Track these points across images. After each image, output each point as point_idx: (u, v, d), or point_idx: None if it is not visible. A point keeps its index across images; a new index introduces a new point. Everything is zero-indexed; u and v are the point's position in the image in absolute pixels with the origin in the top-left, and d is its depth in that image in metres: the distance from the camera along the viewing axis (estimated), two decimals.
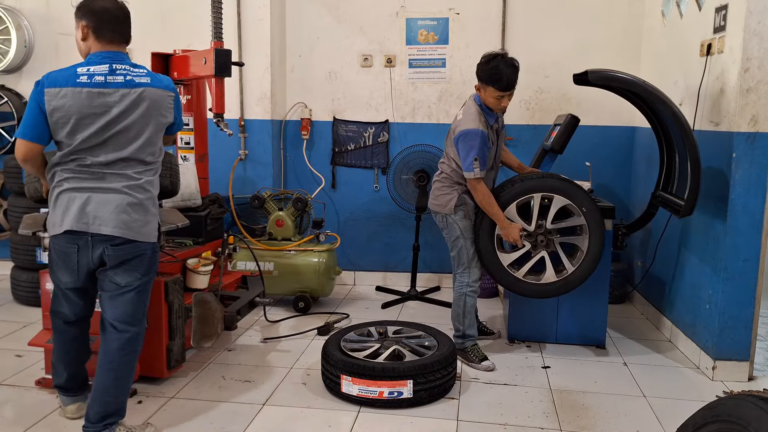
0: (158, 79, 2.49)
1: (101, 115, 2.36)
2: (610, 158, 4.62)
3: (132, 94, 2.39)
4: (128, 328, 2.49)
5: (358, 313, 4.26)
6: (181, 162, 3.80)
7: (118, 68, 2.41)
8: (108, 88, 2.37)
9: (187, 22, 4.71)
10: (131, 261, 2.45)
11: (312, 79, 4.87)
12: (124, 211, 2.39)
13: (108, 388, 2.47)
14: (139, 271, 2.48)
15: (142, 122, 2.42)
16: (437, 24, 4.70)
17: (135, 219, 2.42)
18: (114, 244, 2.39)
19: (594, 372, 3.34)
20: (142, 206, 2.45)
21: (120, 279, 2.45)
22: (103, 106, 2.36)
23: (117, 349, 2.48)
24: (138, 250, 2.45)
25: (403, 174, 4.50)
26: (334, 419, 2.80)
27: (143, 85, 2.42)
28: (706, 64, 3.38)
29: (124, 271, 2.45)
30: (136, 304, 2.50)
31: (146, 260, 2.49)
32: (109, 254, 2.40)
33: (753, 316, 3.22)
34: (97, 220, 2.37)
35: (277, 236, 4.40)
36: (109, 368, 2.47)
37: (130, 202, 2.41)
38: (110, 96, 2.37)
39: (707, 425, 1.66)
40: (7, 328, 3.86)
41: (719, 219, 3.23)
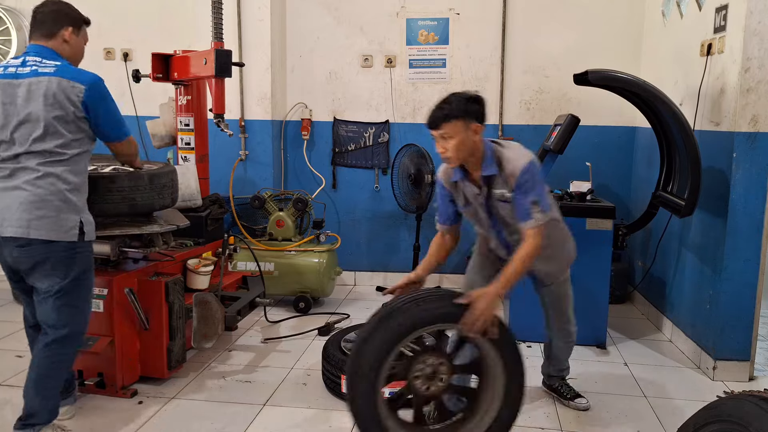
0: (69, 71, 2.37)
1: (8, 105, 2.33)
2: (610, 158, 4.62)
3: (34, 84, 2.31)
4: (53, 331, 2.40)
5: (359, 313, 4.25)
6: (181, 162, 3.81)
7: (30, 60, 2.36)
8: (17, 78, 2.33)
9: (187, 22, 4.70)
10: (44, 263, 2.32)
11: (312, 79, 4.87)
12: (26, 210, 2.26)
13: (29, 387, 2.43)
14: (57, 274, 2.34)
15: (42, 112, 2.30)
16: (437, 24, 4.70)
17: (40, 216, 2.27)
18: (19, 245, 2.29)
19: (594, 372, 3.34)
20: (49, 202, 2.29)
21: (39, 284, 2.36)
22: (10, 97, 2.33)
23: (40, 349, 2.42)
24: (49, 251, 2.31)
25: (404, 174, 4.49)
26: (335, 419, 2.80)
27: (46, 74, 2.32)
28: (706, 64, 3.38)
29: (41, 274, 2.33)
30: (61, 309, 2.38)
31: (62, 262, 2.33)
32: (15, 256, 2.32)
33: (753, 316, 3.22)
34: (5, 221, 2.29)
35: (278, 236, 4.40)
36: (32, 366, 2.43)
37: (33, 199, 2.27)
38: (17, 87, 2.32)
39: (708, 425, 1.66)
40: (7, 329, 3.86)
41: (719, 219, 3.23)
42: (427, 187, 4.37)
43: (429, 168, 4.35)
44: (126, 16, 4.79)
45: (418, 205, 4.49)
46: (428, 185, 4.37)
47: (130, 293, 2.89)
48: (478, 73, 4.69)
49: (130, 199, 2.78)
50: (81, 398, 2.94)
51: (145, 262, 3.11)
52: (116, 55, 4.88)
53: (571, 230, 3.56)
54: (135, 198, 2.80)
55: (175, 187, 3.11)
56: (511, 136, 4.70)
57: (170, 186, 3.04)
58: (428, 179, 4.38)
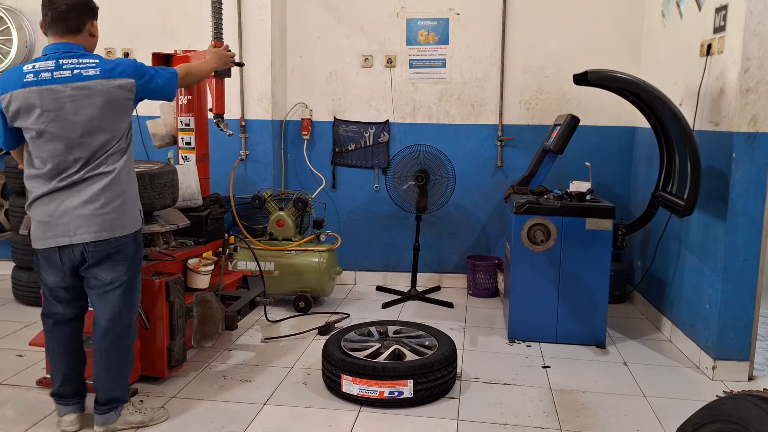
0: (112, 68, 2.37)
1: (58, 112, 2.31)
2: (610, 158, 4.63)
3: (83, 89, 2.30)
4: (114, 324, 2.55)
5: (359, 312, 4.26)
6: (182, 162, 3.81)
7: (66, 63, 2.32)
8: (57, 83, 2.29)
9: (187, 22, 4.71)
10: (114, 255, 2.47)
11: (312, 79, 4.88)
12: (98, 214, 2.43)
13: (103, 378, 2.58)
14: (125, 264, 2.51)
15: (101, 117, 2.34)
16: (437, 24, 4.70)
17: (113, 218, 2.46)
18: (93, 243, 2.42)
19: (594, 372, 3.35)
20: (117, 201, 2.47)
21: (105, 275, 2.48)
22: (56, 104, 2.30)
23: (106, 346, 2.56)
24: (120, 244, 2.48)
25: (403, 174, 4.50)
26: (335, 419, 2.81)
27: (93, 77, 2.32)
28: (706, 64, 3.39)
29: (109, 266, 2.48)
30: (123, 300, 2.54)
31: (129, 252, 2.52)
32: (89, 252, 2.42)
33: (753, 315, 3.22)
34: (79, 228, 2.42)
35: (278, 236, 4.41)
36: (100, 362, 2.58)
37: (104, 201, 2.43)
38: (62, 93, 2.30)
39: (707, 425, 1.66)
40: (8, 328, 3.86)
41: (719, 219, 3.24)
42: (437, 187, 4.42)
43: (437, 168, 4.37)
44: (127, 16, 4.80)
45: (419, 205, 4.50)
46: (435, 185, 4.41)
47: None
48: (478, 73, 4.70)
49: None
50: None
51: (145, 262, 3.11)
52: (117, 54, 4.89)
53: (571, 230, 3.61)
54: None
55: (175, 186, 3.12)
56: (511, 136, 4.71)
57: (170, 186, 3.04)
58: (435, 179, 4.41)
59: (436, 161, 4.43)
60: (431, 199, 4.50)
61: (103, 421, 2.60)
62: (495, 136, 4.73)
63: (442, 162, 4.42)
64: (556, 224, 3.62)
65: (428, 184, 4.48)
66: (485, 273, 4.67)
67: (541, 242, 3.64)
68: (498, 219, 4.82)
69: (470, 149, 4.78)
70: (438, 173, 4.45)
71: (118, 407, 2.62)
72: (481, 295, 4.71)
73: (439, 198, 4.48)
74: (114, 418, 2.61)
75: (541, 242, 3.64)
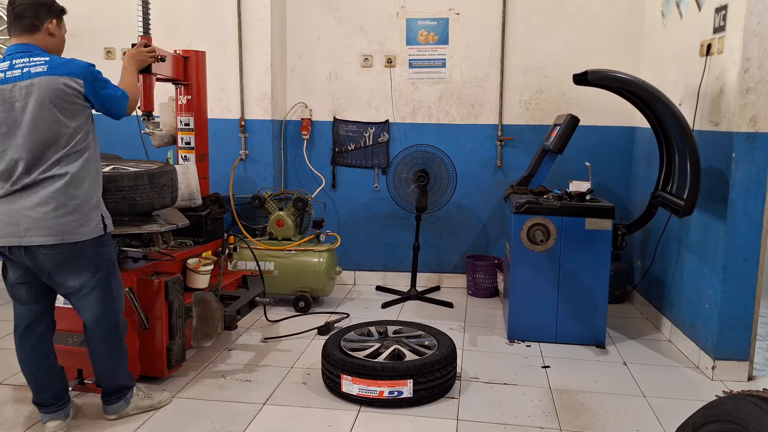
0: (60, 66, 2.31)
1: (7, 113, 2.28)
2: (610, 158, 4.63)
3: (29, 86, 2.26)
4: (98, 326, 2.59)
5: (359, 312, 4.26)
6: (181, 162, 3.81)
7: (17, 62, 2.30)
8: (8, 83, 2.27)
9: (187, 22, 4.71)
10: (72, 262, 2.44)
11: (312, 79, 4.88)
12: (50, 216, 2.38)
13: (104, 375, 2.68)
14: (89, 270, 2.49)
15: (46, 115, 2.28)
16: (437, 24, 4.70)
17: (66, 221, 2.42)
18: (46, 248, 2.37)
19: (594, 372, 3.35)
20: (70, 204, 2.39)
21: (70, 282, 2.48)
22: (6, 103, 2.28)
23: (97, 346, 2.63)
24: (77, 250, 2.44)
25: (403, 174, 4.50)
26: (335, 419, 2.80)
27: (40, 74, 2.28)
28: (705, 64, 3.39)
29: (69, 273, 2.47)
30: (100, 303, 2.55)
31: (92, 258, 2.49)
32: (41, 258, 2.38)
33: (753, 315, 3.22)
34: (29, 231, 2.38)
35: (278, 236, 4.41)
36: (95, 360, 2.66)
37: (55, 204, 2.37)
38: (11, 92, 2.27)
39: (707, 425, 1.66)
40: (8, 328, 3.85)
41: (719, 219, 3.24)
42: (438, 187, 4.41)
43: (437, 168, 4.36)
44: (126, 16, 4.79)
45: (419, 205, 4.50)
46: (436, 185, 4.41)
47: (129, 292, 2.89)
48: (478, 73, 4.70)
49: (130, 198, 2.79)
50: (81, 396, 2.95)
51: (144, 262, 3.12)
52: (116, 54, 4.89)
53: (571, 230, 3.61)
54: (135, 197, 2.80)
55: (174, 186, 3.12)
56: (511, 136, 4.71)
57: (170, 185, 3.04)
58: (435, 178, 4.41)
59: (437, 161, 4.43)
60: (431, 199, 4.50)
61: (114, 410, 2.70)
62: (495, 136, 4.73)
63: (443, 162, 4.42)
64: (555, 224, 3.62)
65: (429, 183, 4.48)
66: (485, 273, 4.67)
67: (541, 242, 3.64)
68: (498, 219, 4.82)
69: (470, 149, 4.78)
70: (439, 173, 4.45)
71: (126, 394, 2.71)
72: (480, 295, 4.71)
73: (439, 198, 4.48)
74: (124, 406, 2.71)
75: (541, 242, 3.64)
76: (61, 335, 2.97)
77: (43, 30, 2.39)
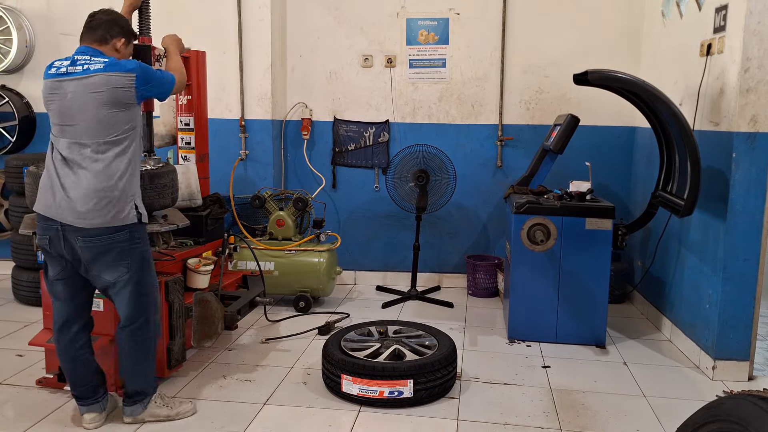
0: (117, 64, 2.49)
1: (62, 102, 2.45)
2: (610, 158, 4.63)
3: (86, 80, 2.43)
4: (132, 321, 2.61)
5: (359, 312, 4.26)
6: (181, 162, 3.81)
7: (80, 59, 2.49)
8: (68, 76, 2.45)
9: (187, 22, 4.70)
10: (107, 254, 2.50)
11: (312, 79, 4.88)
12: (87, 200, 2.48)
13: (128, 373, 2.67)
14: (123, 265, 2.55)
15: (96, 107, 2.43)
16: (437, 24, 4.70)
17: (101, 206, 2.50)
18: (83, 235, 2.48)
19: (594, 372, 3.35)
20: (108, 192, 2.49)
21: (106, 276, 2.55)
22: (63, 94, 2.45)
23: (126, 341, 2.64)
24: (112, 240, 2.51)
25: (403, 174, 4.50)
26: (335, 419, 2.81)
27: (97, 71, 2.45)
28: (706, 64, 3.39)
29: (104, 265, 2.54)
30: (134, 299, 2.60)
31: (126, 251, 2.54)
32: (80, 246, 2.47)
33: (753, 315, 3.22)
34: (71, 212, 2.49)
35: (278, 236, 4.41)
36: (122, 356, 2.67)
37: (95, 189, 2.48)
38: (70, 84, 2.44)
39: (707, 425, 1.66)
40: (8, 328, 3.86)
41: (719, 219, 3.24)
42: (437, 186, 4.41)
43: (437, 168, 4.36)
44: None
45: (419, 205, 4.50)
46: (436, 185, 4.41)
47: None
48: (478, 73, 4.70)
49: None
50: None
51: None
52: None
53: (571, 230, 3.61)
54: None
55: (175, 186, 3.12)
56: (511, 136, 4.71)
57: (170, 185, 3.04)
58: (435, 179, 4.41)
59: (437, 161, 4.43)
60: (431, 199, 4.50)
61: (130, 412, 2.69)
62: (495, 136, 4.73)
63: (442, 162, 4.42)
64: (556, 224, 3.62)
65: (428, 183, 4.48)
66: (485, 273, 4.67)
67: (541, 242, 3.64)
68: (498, 219, 4.82)
69: (470, 149, 4.78)
70: (438, 173, 4.45)
71: (144, 399, 2.69)
72: (481, 295, 4.71)
73: (439, 198, 4.48)
74: (140, 410, 2.69)
75: (541, 242, 3.64)
76: None
77: (111, 44, 2.58)
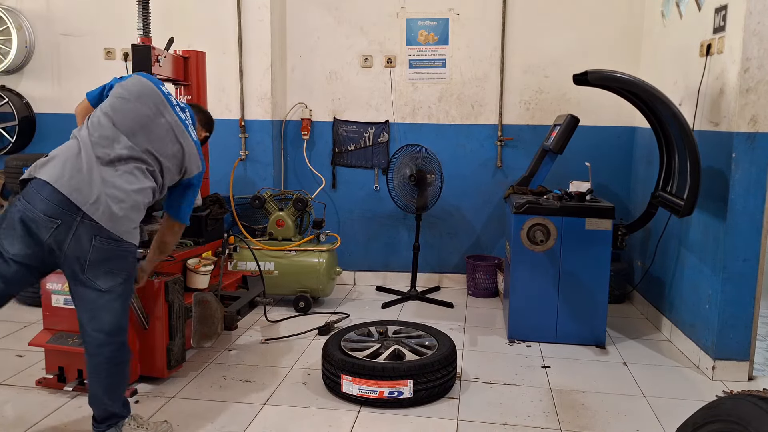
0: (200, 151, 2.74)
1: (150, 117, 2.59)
2: (609, 158, 4.63)
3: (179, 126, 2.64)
4: (111, 339, 2.46)
5: (359, 313, 4.26)
6: None
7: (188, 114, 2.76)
8: (172, 108, 2.65)
9: (187, 22, 4.71)
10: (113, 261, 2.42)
11: (312, 79, 4.88)
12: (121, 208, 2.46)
13: (100, 395, 2.45)
14: (121, 275, 2.46)
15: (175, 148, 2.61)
16: (437, 24, 4.70)
17: (131, 218, 2.51)
18: (102, 236, 2.38)
19: (594, 372, 3.35)
20: (137, 209, 2.50)
21: (100, 282, 2.41)
22: (156, 113, 2.59)
23: (103, 361, 2.45)
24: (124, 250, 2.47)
25: (400, 173, 4.48)
26: (335, 419, 2.81)
27: (188, 132, 2.67)
28: (705, 64, 3.39)
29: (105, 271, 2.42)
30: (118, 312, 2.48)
31: (129, 263, 2.49)
32: (95, 245, 2.36)
33: (753, 315, 3.22)
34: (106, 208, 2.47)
35: (278, 236, 4.41)
36: (96, 377, 2.47)
37: (131, 204, 2.48)
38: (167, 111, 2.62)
39: (707, 425, 1.66)
40: (7, 328, 3.86)
41: (719, 219, 3.24)
42: (429, 186, 4.38)
43: (430, 168, 4.35)
44: (126, 17, 4.79)
45: (418, 205, 4.50)
46: (430, 185, 4.38)
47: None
48: (478, 73, 4.70)
49: None
50: (80, 397, 2.94)
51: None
52: (116, 55, 4.89)
53: (571, 230, 3.61)
54: None
55: None
56: (511, 136, 4.71)
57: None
58: (430, 179, 4.39)
59: (433, 161, 4.39)
60: (428, 199, 4.49)
61: None
62: (495, 136, 4.73)
63: (431, 161, 4.37)
64: (555, 224, 3.62)
65: (424, 183, 4.45)
66: (485, 273, 4.67)
67: (541, 242, 3.64)
68: (498, 219, 4.82)
69: (470, 149, 4.78)
70: (432, 173, 4.41)
71: (118, 423, 2.51)
72: (480, 295, 4.71)
73: (431, 198, 4.45)
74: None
75: (541, 242, 3.64)
76: (62, 336, 2.98)
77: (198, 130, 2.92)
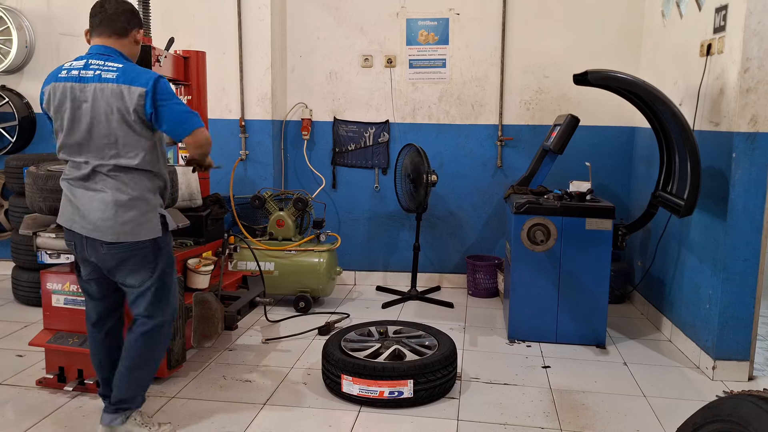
0: (130, 75, 2.33)
1: (76, 111, 2.35)
2: (610, 158, 4.63)
3: (99, 90, 2.32)
4: (146, 321, 2.52)
5: (359, 312, 4.26)
6: (181, 162, 3.80)
7: (93, 63, 2.35)
8: (81, 82, 2.33)
9: (187, 22, 4.71)
10: (130, 261, 2.45)
11: (312, 79, 4.88)
12: (111, 215, 2.40)
13: (123, 375, 2.52)
14: (147, 270, 2.49)
15: (109, 120, 2.33)
16: (437, 24, 4.70)
17: (125, 221, 2.44)
18: (106, 244, 2.40)
19: (594, 372, 3.35)
20: (132, 205, 2.42)
21: (129, 280, 2.49)
22: (76, 102, 2.34)
23: (134, 339, 2.52)
24: (136, 249, 2.45)
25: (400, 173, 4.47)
26: (335, 419, 2.81)
27: (109, 81, 2.32)
28: (705, 64, 3.39)
29: (128, 271, 2.48)
30: (153, 302, 2.52)
31: (150, 258, 2.48)
32: (103, 254, 2.42)
33: (753, 315, 3.22)
34: (94, 226, 2.42)
35: (278, 236, 4.41)
36: (124, 356, 2.54)
37: (117, 204, 2.41)
38: (82, 92, 2.33)
39: (707, 425, 1.66)
40: (8, 328, 3.86)
41: (719, 219, 3.24)
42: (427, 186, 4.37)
43: (427, 168, 4.35)
44: None
45: (417, 204, 4.49)
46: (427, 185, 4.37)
47: None
48: (478, 73, 4.70)
49: None
50: (80, 397, 2.95)
51: None
52: None
53: (571, 230, 3.61)
54: None
55: (175, 186, 3.12)
56: (511, 136, 4.71)
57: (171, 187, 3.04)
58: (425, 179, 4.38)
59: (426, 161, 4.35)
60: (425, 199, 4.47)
61: (108, 420, 2.52)
62: (495, 136, 4.73)
63: (423, 161, 4.34)
64: (556, 224, 3.62)
65: (420, 182, 4.43)
66: (485, 273, 4.67)
67: (541, 242, 3.64)
68: (498, 219, 4.82)
69: (470, 149, 4.79)
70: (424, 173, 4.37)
71: (126, 410, 2.54)
72: (481, 295, 4.71)
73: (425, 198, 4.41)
74: (118, 423, 2.52)
75: (541, 242, 3.64)
76: (62, 336, 2.98)
77: (131, 36, 2.45)
